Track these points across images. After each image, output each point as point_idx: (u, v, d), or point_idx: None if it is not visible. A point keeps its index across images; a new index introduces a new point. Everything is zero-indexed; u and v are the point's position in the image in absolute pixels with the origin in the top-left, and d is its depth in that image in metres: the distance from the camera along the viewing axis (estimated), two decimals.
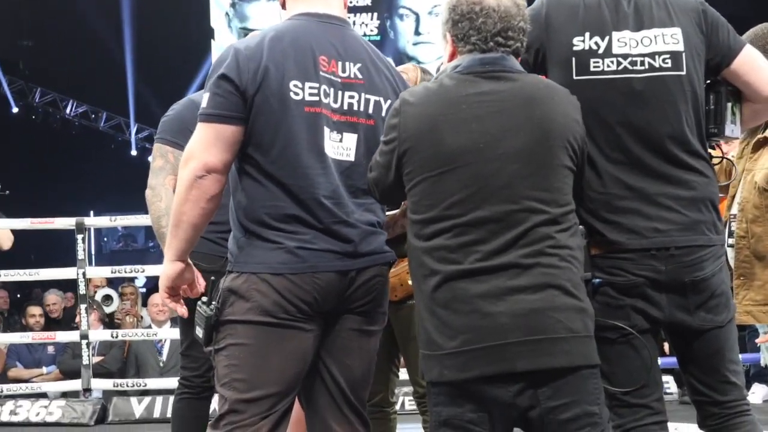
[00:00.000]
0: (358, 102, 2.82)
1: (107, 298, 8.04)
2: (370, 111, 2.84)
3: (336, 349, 2.85)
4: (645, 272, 2.72)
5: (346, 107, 2.81)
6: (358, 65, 2.85)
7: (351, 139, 2.81)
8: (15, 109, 16.25)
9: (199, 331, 2.81)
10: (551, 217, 2.50)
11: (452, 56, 2.67)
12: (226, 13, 15.47)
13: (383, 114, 2.83)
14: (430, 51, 14.38)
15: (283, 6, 2.98)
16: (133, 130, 16.71)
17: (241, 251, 2.76)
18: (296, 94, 2.73)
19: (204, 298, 2.81)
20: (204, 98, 2.74)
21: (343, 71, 2.82)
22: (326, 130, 2.76)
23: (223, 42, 15.17)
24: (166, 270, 2.84)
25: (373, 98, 2.85)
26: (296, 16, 2.87)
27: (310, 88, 2.75)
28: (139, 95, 16.05)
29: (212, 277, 2.83)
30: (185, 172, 2.71)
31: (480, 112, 2.53)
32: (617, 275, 2.73)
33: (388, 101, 2.85)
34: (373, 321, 2.89)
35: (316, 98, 2.75)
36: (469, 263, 2.47)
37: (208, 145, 2.70)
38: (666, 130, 2.75)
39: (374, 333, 2.92)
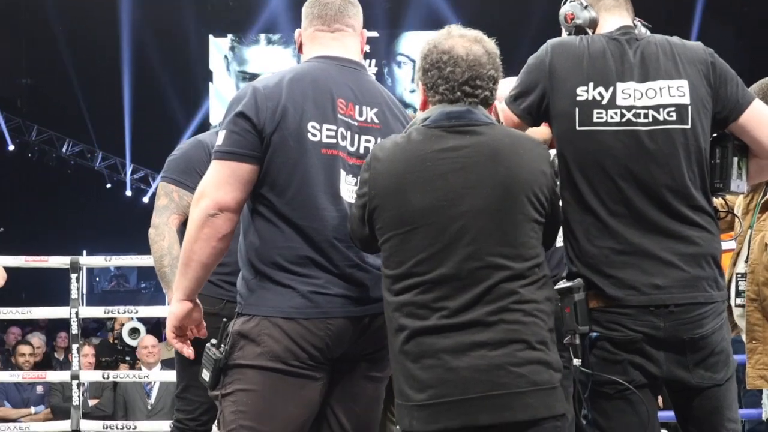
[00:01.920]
0: (374, 146, 2.80)
1: (134, 331, 8.01)
2: None
3: (344, 395, 2.82)
4: (643, 328, 2.69)
5: (362, 151, 2.80)
6: (375, 110, 2.86)
7: None
8: (11, 147, 16.25)
9: (206, 374, 2.77)
10: (516, 273, 2.51)
11: (424, 105, 2.69)
12: (225, 56, 15.59)
13: None
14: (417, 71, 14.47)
15: (300, 49, 3.00)
16: (129, 171, 16.71)
17: (252, 294, 2.73)
18: (314, 135, 2.73)
19: (213, 341, 2.77)
20: (219, 136, 2.73)
21: (360, 115, 2.83)
22: (342, 172, 2.76)
23: (222, 85, 15.26)
24: (174, 309, 2.81)
25: None
26: (315, 58, 2.89)
27: (328, 130, 2.75)
28: (135, 136, 16.07)
29: (224, 319, 2.79)
30: (197, 210, 2.69)
31: (444, 170, 2.54)
32: (615, 330, 2.70)
33: None
34: (381, 367, 2.86)
35: (334, 140, 2.75)
36: (436, 319, 2.49)
37: (221, 183, 2.67)
38: (668, 183, 2.72)
39: (382, 380, 2.89)
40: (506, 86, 3.42)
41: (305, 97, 2.74)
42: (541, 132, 2.95)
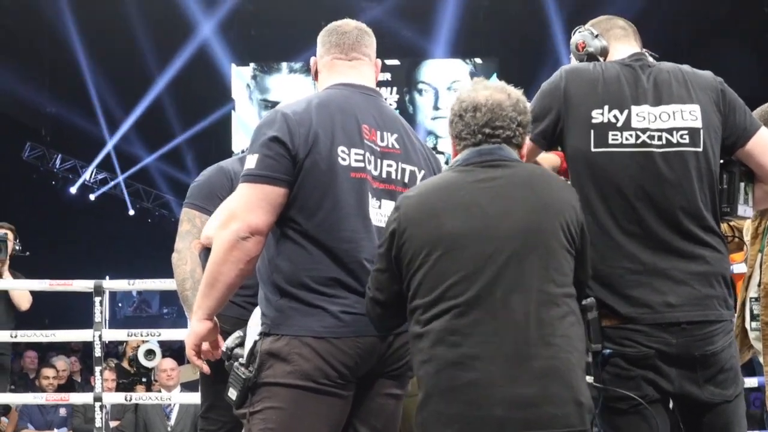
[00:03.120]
0: (396, 170, 2.86)
1: (150, 353, 8.06)
2: (406, 180, 2.87)
3: (366, 411, 2.84)
4: (656, 344, 2.72)
5: (384, 175, 2.85)
6: (395, 135, 2.90)
7: (389, 207, 2.80)
8: (35, 176, 16.41)
9: (233, 393, 2.77)
10: (549, 298, 2.50)
11: (454, 155, 2.74)
12: (247, 85, 15.69)
13: (417, 182, 2.85)
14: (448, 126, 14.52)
15: (316, 77, 3.05)
16: (151, 198, 16.82)
17: (281, 314, 2.73)
18: (343, 159, 2.76)
19: (242, 360, 2.79)
20: (250, 159, 2.74)
21: (382, 140, 2.87)
22: (369, 195, 2.79)
23: (243, 113, 15.37)
24: (195, 329, 2.84)
25: (408, 168, 2.89)
26: (336, 86, 2.93)
27: (356, 154, 2.79)
28: (159, 163, 16.19)
29: (255, 338, 2.80)
30: (226, 232, 2.69)
31: (479, 197, 2.57)
32: (628, 346, 2.74)
33: (422, 172, 2.91)
34: (402, 385, 2.89)
35: (362, 164, 2.79)
36: (468, 348, 2.47)
37: (253, 206, 2.68)
38: (682, 204, 2.77)
39: (401, 397, 2.91)
40: None
41: (334, 123, 2.78)
42: (550, 159, 3.00)
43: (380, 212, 2.81)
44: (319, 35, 3.06)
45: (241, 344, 3.15)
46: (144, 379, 8.20)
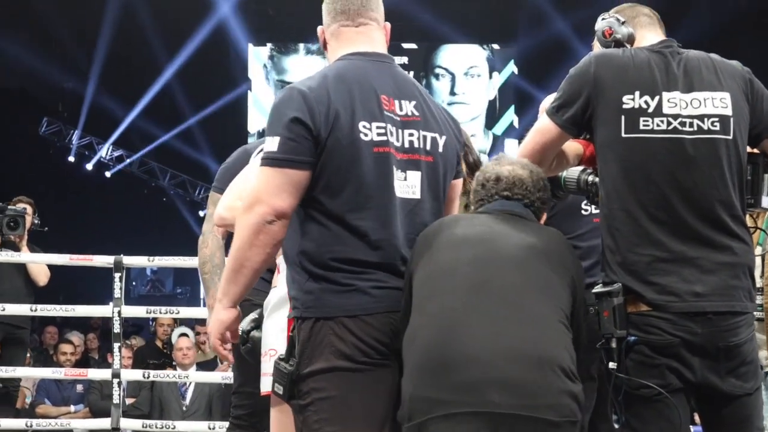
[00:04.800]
0: (418, 139, 2.81)
1: (182, 336, 8.13)
2: (428, 147, 2.83)
3: None
4: (681, 333, 2.72)
5: (407, 145, 2.79)
6: (413, 102, 2.84)
7: (415, 177, 2.79)
8: (51, 150, 16.45)
9: (279, 388, 2.74)
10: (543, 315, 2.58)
11: None
12: (264, 65, 15.68)
13: (440, 150, 2.84)
14: (464, 111, 14.52)
15: (324, 46, 2.98)
16: (167, 176, 16.85)
17: (311, 296, 2.70)
18: (365, 135, 2.71)
19: (281, 355, 2.78)
20: (272, 142, 2.69)
21: (401, 109, 2.81)
22: (393, 168, 2.75)
23: (260, 93, 15.37)
24: (220, 316, 2.82)
25: (429, 135, 2.84)
26: (348, 56, 2.86)
27: (378, 128, 2.73)
28: (174, 143, 16.21)
29: (293, 333, 2.77)
30: (251, 216, 2.67)
31: (487, 221, 2.73)
32: (654, 334, 2.73)
33: (443, 137, 2.86)
34: None
35: (384, 138, 2.73)
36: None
37: (278, 189, 2.65)
38: (712, 193, 2.77)
39: None
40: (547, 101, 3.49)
41: (352, 97, 2.72)
42: (574, 147, 3.00)
43: (406, 184, 2.78)
44: (323, 3, 2.98)
45: (258, 327, 3.15)
46: (174, 363, 8.26)
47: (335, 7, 2.93)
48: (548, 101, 3.60)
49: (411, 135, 2.81)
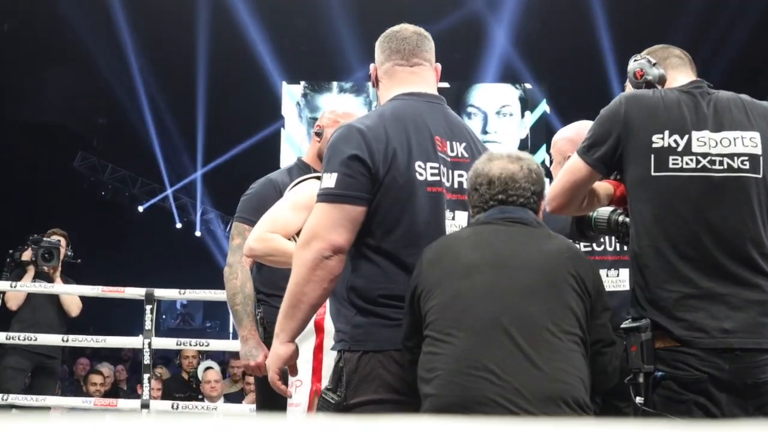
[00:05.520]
0: (467, 180, 2.84)
1: (208, 370, 8.18)
2: None
3: None
4: (709, 369, 2.72)
5: (456, 186, 2.85)
6: (464, 144, 2.91)
7: (462, 217, 2.84)
8: (85, 185, 16.62)
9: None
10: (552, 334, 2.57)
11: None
12: (297, 103, 15.80)
13: None
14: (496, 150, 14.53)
15: (376, 84, 3.03)
16: (199, 212, 16.96)
17: (359, 329, 2.72)
18: (420, 174, 2.76)
19: (328, 386, 2.79)
20: (329, 178, 2.72)
21: (452, 150, 2.87)
22: (444, 208, 2.80)
23: (293, 130, 15.48)
24: (278, 352, 2.82)
25: None
26: (403, 95, 2.91)
27: (431, 168, 2.79)
28: (207, 178, 16.33)
29: (339, 364, 2.78)
30: (308, 251, 2.69)
31: (493, 240, 2.68)
32: (682, 369, 2.74)
33: None
34: None
35: (437, 178, 2.78)
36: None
37: (335, 225, 2.68)
38: (742, 230, 2.78)
39: None
40: (573, 133, 3.50)
41: (409, 137, 2.77)
42: (605, 187, 3.02)
43: (454, 223, 2.83)
44: (377, 41, 3.03)
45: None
46: (200, 396, 8.29)
47: (390, 46, 2.98)
48: (560, 137, 3.65)
49: (460, 176, 2.86)
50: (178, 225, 17.18)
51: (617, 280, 3.47)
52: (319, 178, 3.09)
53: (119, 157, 16.65)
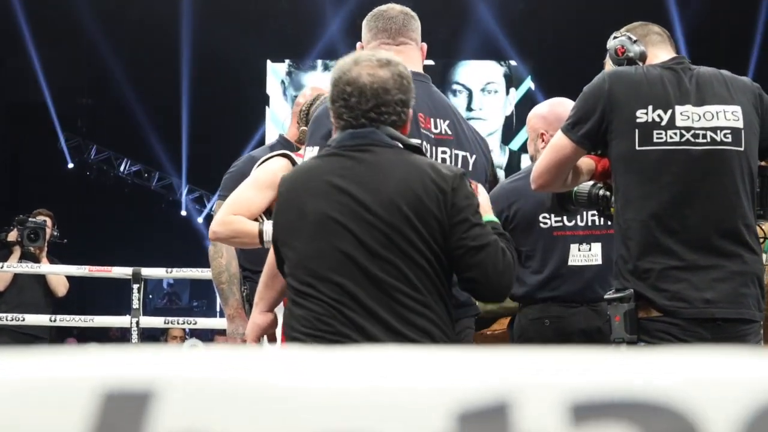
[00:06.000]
0: (450, 157, 2.89)
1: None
2: (459, 165, 2.89)
3: None
4: (691, 339, 2.76)
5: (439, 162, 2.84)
6: (447, 121, 2.93)
7: None
8: (71, 165, 16.56)
9: None
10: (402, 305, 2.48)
11: (334, 131, 2.67)
12: (282, 81, 15.77)
13: (470, 168, 2.90)
14: (481, 127, 14.51)
15: None
16: (184, 192, 16.93)
17: None
18: None
19: None
20: (311, 152, 2.74)
21: (435, 128, 2.89)
22: None
23: (278, 109, 15.46)
24: (257, 321, 2.85)
25: (461, 153, 2.93)
26: None
27: None
28: (192, 158, 16.29)
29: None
30: None
31: (340, 183, 2.52)
32: (664, 339, 2.78)
33: (474, 156, 2.95)
34: None
35: None
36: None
37: None
38: (724, 202, 2.83)
39: None
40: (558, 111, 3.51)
41: None
42: (586, 163, 3.05)
43: None
44: (364, 20, 3.05)
45: None
46: None
47: (377, 25, 3.01)
48: (534, 114, 3.65)
49: (444, 153, 2.90)
50: (164, 205, 17.14)
51: (589, 255, 3.50)
52: (285, 155, 3.10)
53: (104, 137, 16.58)
